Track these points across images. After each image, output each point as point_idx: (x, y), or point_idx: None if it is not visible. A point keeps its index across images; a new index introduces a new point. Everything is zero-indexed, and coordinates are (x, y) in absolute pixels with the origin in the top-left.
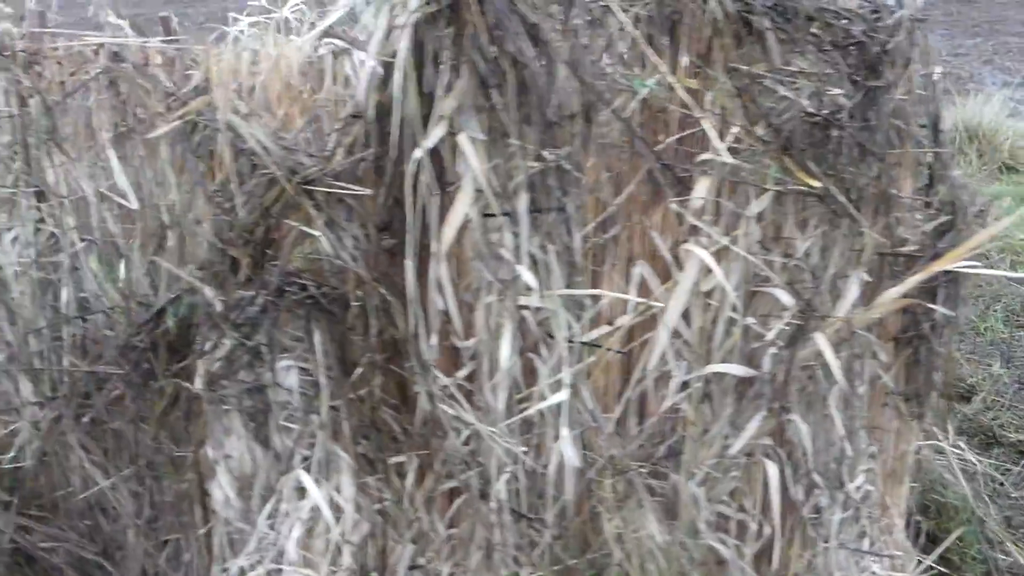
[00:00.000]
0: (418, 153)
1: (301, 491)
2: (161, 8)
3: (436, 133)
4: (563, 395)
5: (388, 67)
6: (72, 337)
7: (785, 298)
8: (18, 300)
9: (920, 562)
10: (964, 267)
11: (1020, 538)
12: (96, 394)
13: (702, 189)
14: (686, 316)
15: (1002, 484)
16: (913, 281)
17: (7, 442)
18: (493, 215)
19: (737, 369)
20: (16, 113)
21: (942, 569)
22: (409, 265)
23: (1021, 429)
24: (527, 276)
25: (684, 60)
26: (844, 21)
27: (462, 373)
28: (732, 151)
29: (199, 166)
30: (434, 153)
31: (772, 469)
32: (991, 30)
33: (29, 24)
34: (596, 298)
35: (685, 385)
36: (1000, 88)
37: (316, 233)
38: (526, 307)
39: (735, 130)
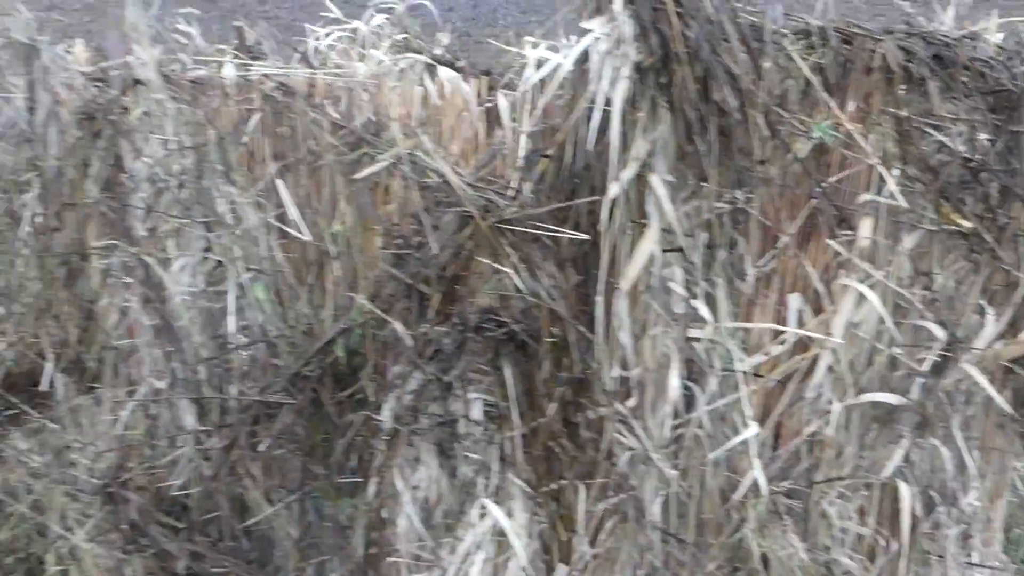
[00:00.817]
0: (615, 190)
1: (481, 518)
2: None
3: (630, 173)
4: (753, 430)
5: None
6: (239, 365)
7: (937, 330)
8: (186, 327)
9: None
10: None
11: None
12: (266, 422)
13: (867, 227)
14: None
15: None
16: None
17: (172, 466)
18: (671, 250)
19: (891, 397)
20: (187, 144)
21: None
22: (599, 301)
23: None
24: (703, 310)
25: (851, 105)
26: (992, 69)
27: (631, 402)
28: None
29: (370, 199)
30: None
31: (905, 490)
32: None
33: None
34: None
35: (828, 412)
36: None
37: (509, 271)
38: (695, 339)
39: (895, 172)
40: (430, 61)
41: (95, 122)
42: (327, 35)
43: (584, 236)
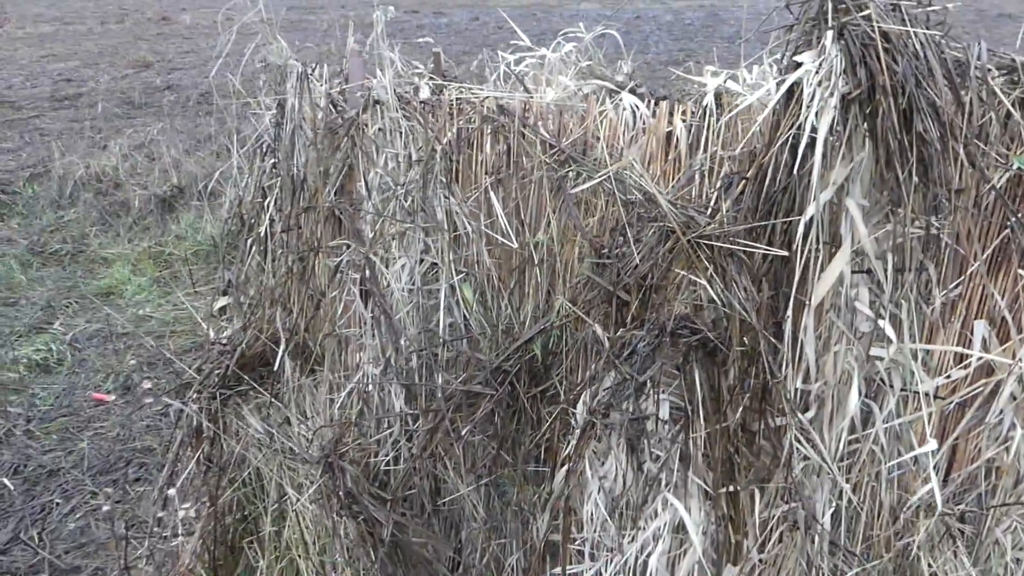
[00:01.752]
0: (811, 211)
1: (662, 511)
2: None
3: (827, 196)
4: (932, 446)
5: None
6: (445, 357)
7: None
8: (402, 320)
9: None
10: None
11: None
12: (466, 410)
13: None
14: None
15: None
16: None
17: (379, 445)
18: (860, 271)
19: None
20: (416, 156)
21: None
22: (788, 316)
23: None
24: (888, 330)
25: None
26: None
27: (810, 414)
28: None
29: (575, 212)
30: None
31: None
32: None
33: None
34: (931, 351)
35: (1004, 437)
36: None
37: (704, 282)
38: (877, 358)
39: None
40: (613, 87)
41: (336, 136)
42: (517, 61)
43: (782, 252)
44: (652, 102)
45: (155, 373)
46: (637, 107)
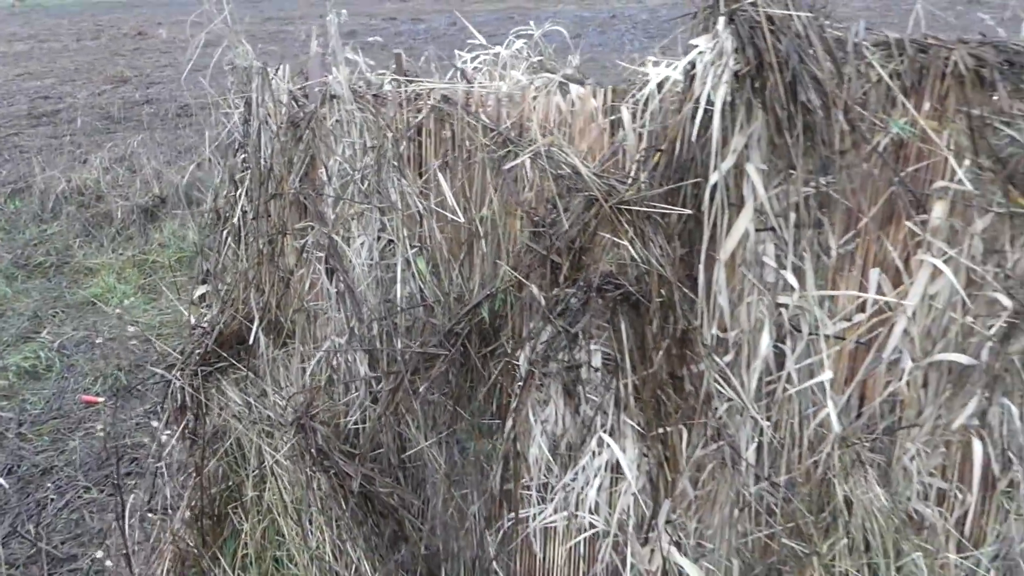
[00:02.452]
0: (715, 178)
1: (598, 451)
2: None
3: (729, 162)
4: (827, 376)
5: (697, 112)
6: (403, 324)
7: (1005, 300)
8: (362, 293)
9: None
10: None
11: None
12: (424, 371)
13: (939, 210)
14: (914, 315)
15: None
16: None
17: (347, 407)
18: (764, 229)
19: (962, 358)
20: (371, 145)
21: None
22: (701, 269)
23: None
24: (791, 279)
25: (926, 105)
26: None
27: (727, 358)
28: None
29: (513, 188)
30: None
31: (978, 447)
32: None
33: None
34: (835, 297)
35: (907, 373)
36: None
37: (626, 243)
38: (783, 305)
39: (966, 162)
40: (561, 80)
41: (298, 129)
42: (473, 58)
43: (687, 211)
44: (593, 90)
45: (142, 374)
46: (580, 95)
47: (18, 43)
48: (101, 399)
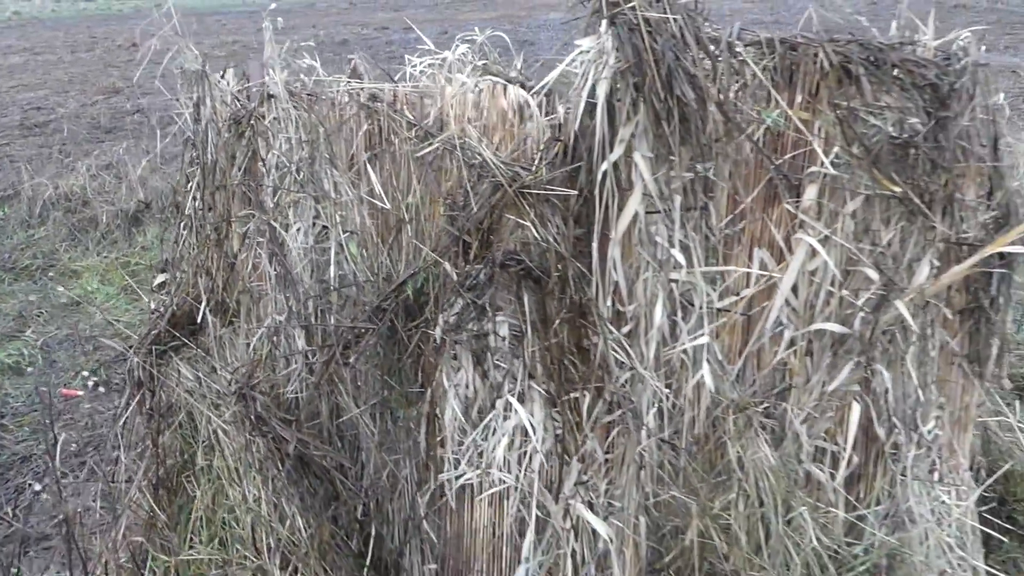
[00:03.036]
0: (605, 165)
1: (507, 414)
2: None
3: (618, 151)
4: (704, 339)
5: (584, 106)
6: (336, 302)
7: (873, 274)
8: (299, 274)
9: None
10: (1011, 250)
11: None
12: (355, 344)
13: (811, 193)
14: (795, 289)
15: None
16: (971, 261)
17: (286, 379)
18: (654, 212)
19: (835, 327)
20: (305, 139)
21: (1008, 526)
22: (594, 247)
23: None
24: (679, 257)
25: (798, 98)
26: (922, 67)
27: (625, 329)
28: (833, 165)
29: (434, 178)
30: (614, 166)
31: (856, 409)
32: None
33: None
34: (725, 274)
35: (792, 343)
36: None
37: (527, 224)
38: (675, 280)
39: (836, 149)
40: (504, 81)
41: (240, 126)
42: (420, 63)
43: (574, 192)
44: (532, 90)
45: (122, 368)
46: (491, 92)
47: (13, 55)
48: (80, 393)
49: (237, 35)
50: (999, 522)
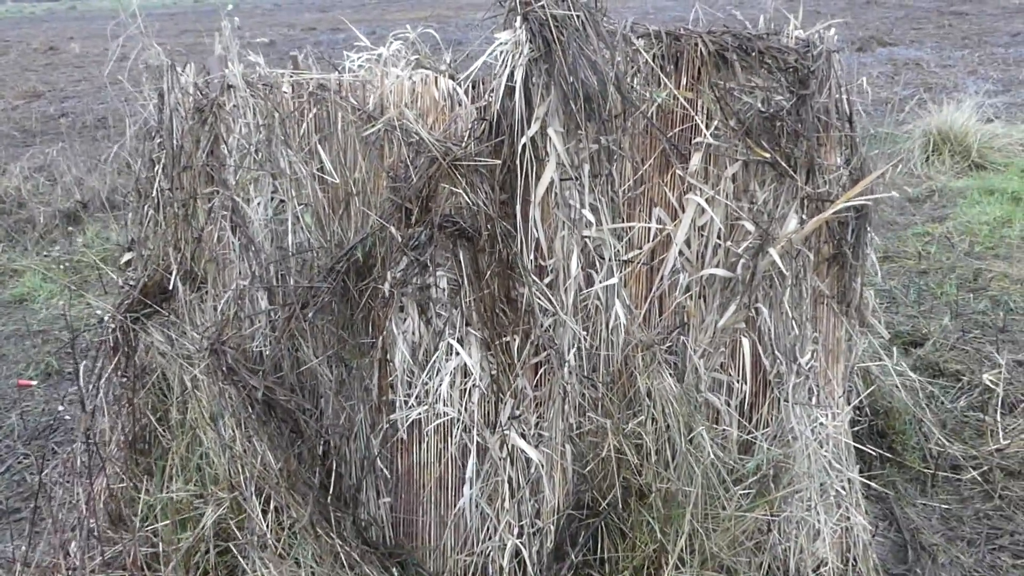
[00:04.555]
0: (524, 139)
1: (449, 356)
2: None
3: (534, 127)
4: (614, 280)
5: (504, 89)
6: (294, 266)
7: (750, 227)
8: (260, 243)
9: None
10: (860, 202)
11: (948, 434)
12: (312, 302)
13: (697, 160)
14: (688, 242)
15: (941, 400)
16: (827, 212)
17: (252, 336)
18: (567, 179)
19: (722, 272)
20: (262, 123)
21: (887, 455)
22: (518, 210)
23: (960, 363)
24: (589, 216)
25: (684, 80)
26: (784, 53)
27: (547, 280)
28: (714, 136)
29: (378, 155)
30: (532, 140)
31: (746, 343)
32: (979, 42)
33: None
34: (629, 230)
35: (687, 288)
36: (981, 96)
37: (460, 191)
38: (587, 237)
39: (716, 123)
40: (435, 73)
41: (203, 113)
42: (358, 58)
43: (497, 162)
44: (436, 77)
45: (71, 360)
46: (427, 81)
47: None
48: (34, 382)
49: (159, 37)
50: (880, 451)
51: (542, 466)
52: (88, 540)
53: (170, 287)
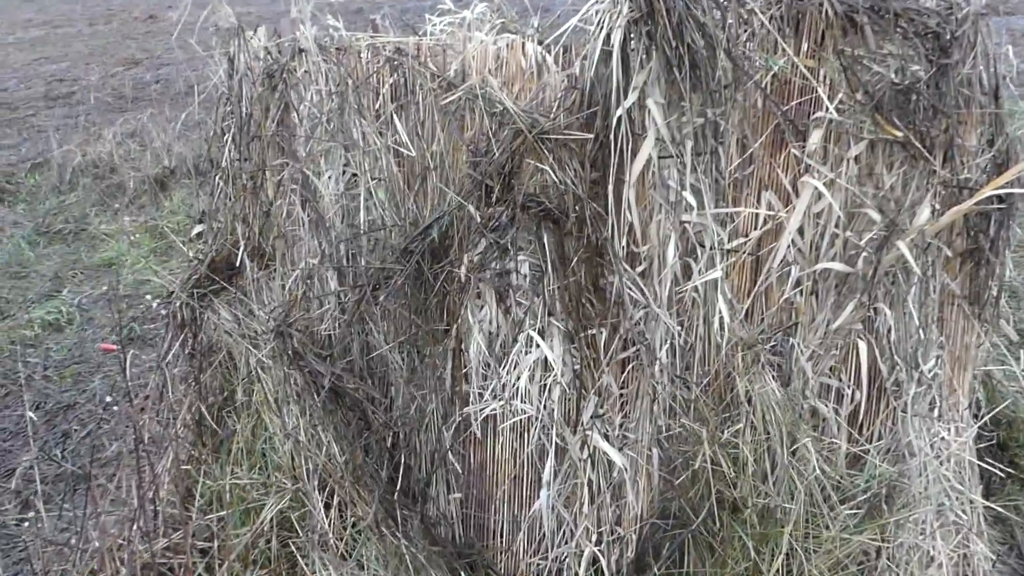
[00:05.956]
0: (620, 111)
1: (528, 349)
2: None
3: (632, 98)
4: (717, 274)
5: (599, 55)
6: (366, 245)
7: (875, 216)
8: (331, 219)
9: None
10: (1008, 192)
11: None
12: (384, 284)
13: (816, 137)
14: (801, 231)
15: None
16: (969, 202)
17: (320, 318)
18: (667, 156)
19: (839, 266)
20: (334, 91)
21: (1009, 470)
22: (610, 190)
23: None
24: (690, 199)
25: (804, 46)
26: (924, 16)
27: (639, 268)
28: (838, 111)
29: (457, 126)
30: (628, 112)
31: (862, 347)
32: None
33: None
34: (734, 216)
35: (798, 283)
36: None
37: (546, 168)
38: (687, 222)
39: (840, 96)
40: (521, 38)
41: (273, 79)
42: (440, 21)
43: (589, 136)
44: (523, 42)
45: (156, 326)
46: (511, 45)
47: (33, 29)
48: (116, 347)
49: (249, 6)
50: (1001, 467)
51: (626, 470)
52: (152, 522)
53: (237, 263)
